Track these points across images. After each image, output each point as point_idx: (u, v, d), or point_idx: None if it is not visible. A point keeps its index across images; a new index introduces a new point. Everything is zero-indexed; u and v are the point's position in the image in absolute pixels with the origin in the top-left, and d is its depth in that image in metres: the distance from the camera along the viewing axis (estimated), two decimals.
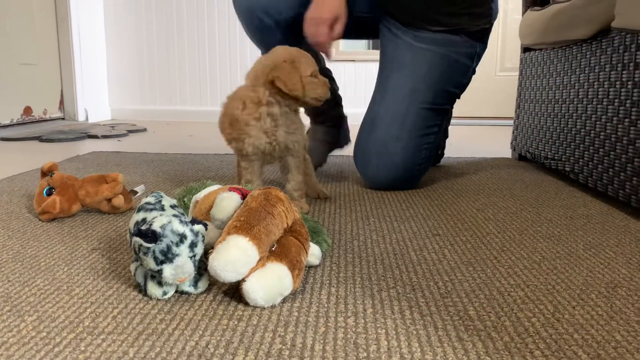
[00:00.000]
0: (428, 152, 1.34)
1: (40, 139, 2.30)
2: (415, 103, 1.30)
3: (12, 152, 1.99)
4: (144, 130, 2.75)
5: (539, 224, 1.03)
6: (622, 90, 1.14)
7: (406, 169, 1.30)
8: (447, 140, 1.74)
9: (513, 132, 1.85)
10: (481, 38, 1.35)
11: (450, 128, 1.72)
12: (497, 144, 2.26)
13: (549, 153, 1.53)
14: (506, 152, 1.95)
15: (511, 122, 1.91)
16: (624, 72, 1.13)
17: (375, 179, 1.31)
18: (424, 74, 1.30)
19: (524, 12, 1.75)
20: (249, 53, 3.18)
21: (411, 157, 1.30)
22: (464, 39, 1.31)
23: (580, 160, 1.33)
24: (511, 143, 1.86)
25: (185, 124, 3.09)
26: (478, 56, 1.36)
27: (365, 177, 1.34)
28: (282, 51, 1.07)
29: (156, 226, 0.65)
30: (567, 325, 0.61)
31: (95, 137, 2.41)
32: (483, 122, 3.11)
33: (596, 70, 1.26)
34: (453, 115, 1.65)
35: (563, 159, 1.43)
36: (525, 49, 1.77)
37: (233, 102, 1.06)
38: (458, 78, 1.34)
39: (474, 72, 1.38)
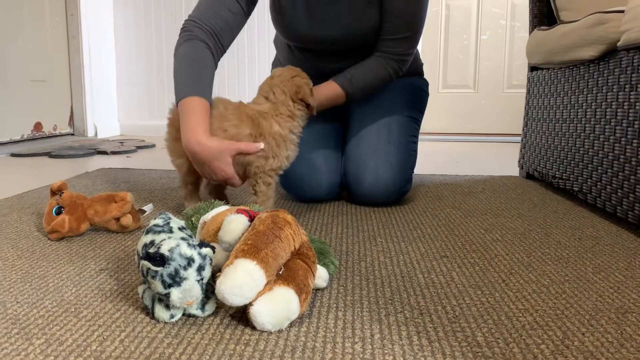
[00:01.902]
0: (414, 158, 1.42)
1: (50, 154, 2.32)
2: (395, 113, 1.41)
3: (22, 168, 2.01)
4: (153, 146, 2.77)
5: (547, 245, 1.02)
6: (630, 111, 1.14)
7: (402, 169, 1.34)
8: (454, 157, 1.75)
9: (521, 151, 1.84)
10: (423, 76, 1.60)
11: (457, 144, 1.74)
12: (505, 161, 2.25)
13: (557, 172, 1.52)
14: (514, 169, 1.94)
15: (518, 139, 1.91)
16: (631, 92, 1.13)
17: (373, 185, 1.31)
18: (397, 93, 1.45)
19: (531, 32, 1.76)
20: (257, 69, 3.21)
21: (404, 158, 1.36)
22: (420, 77, 1.56)
23: (589, 180, 1.32)
24: (519, 161, 1.85)
25: None
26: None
27: (361, 188, 1.33)
28: (287, 70, 1.12)
29: (164, 249, 0.65)
30: (577, 353, 0.60)
31: (104, 153, 2.43)
32: (490, 139, 3.11)
33: (604, 91, 1.26)
34: (460, 132, 1.70)
35: (571, 179, 1.43)
36: (533, 68, 1.78)
37: (259, 119, 1.10)
38: (422, 102, 1.51)
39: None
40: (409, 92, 1.47)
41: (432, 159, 2.28)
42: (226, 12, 1.20)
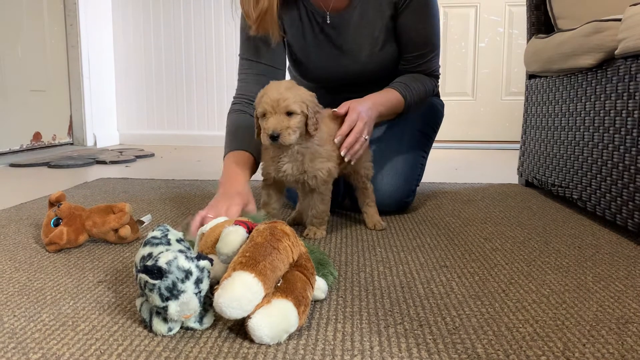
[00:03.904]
0: (421, 172, 1.44)
1: (49, 165, 2.32)
2: (408, 126, 1.42)
3: (21, 178, 2.01)
4: (152, 155, 2.77)
5: (547, 254, 1.02)
6: (629, 119, 1.14)
7: (406, 180, 1.35)
8: (454, 165, 1.75)
9: (520, 158, 1.84)
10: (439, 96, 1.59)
11: (456, 152, 1.74)
12: (504, 169, 2.25)
13: (556, 180, 1.52)
14: (513, 177, 1.94)
15: (517, 146, 1.91)
16: (630, 101, 1.13)
17: (379, 189, 1.31)
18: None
19: (528, 40, 1.76)
20: None
21: (410, 169, 1.37)
22: (436, 97, 1.55)
23: (588, 188, 1.32)
24: (518, 169, 1.85)
25: (193, 149, 3.11)
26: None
27: None
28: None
29: (162, 262, 0.65)
30: None
31: (103, 162, 2.43)
32: (489, 147, 3.11)
33: (602, 99, 1.26)
34: (459, 139, 1.69)
35: (570, 187, 1.43)
36: (531, 76, 1.78)
37: None
38: (437, 120, 1.52)
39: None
40: (425, 109, 1.47)
41: (431, 167, 2.27)
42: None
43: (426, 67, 1.35)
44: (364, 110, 1.16)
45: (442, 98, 1.60)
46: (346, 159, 1.13)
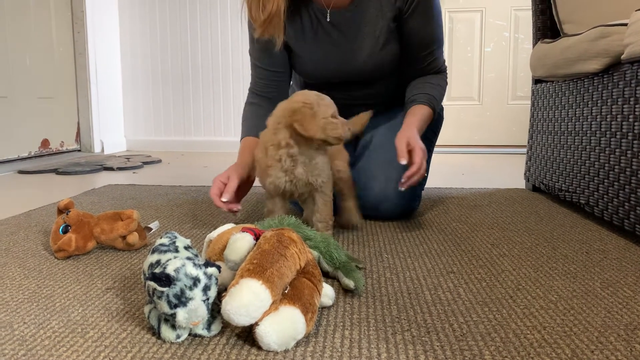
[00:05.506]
0: (425, 177, 1.42)
1: (57, 171, 2.33)
2: None
3: (30, 185, 2.02)
4: (159, 161, 2.78)
5: (555, 260, 1.02)
6: (636, 123, 1.13)
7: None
8: (460, 169, 1.74)
9: (526, 163, 1.84)
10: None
11: (462, 157, 1.73)
12: (510, 173, 2.25)
13: (563, 185, 1.52)
14: (520, 182, 1.93)
15: (524, 150, 1.91)
16: (636, 105, 1.13)
17: (380, 196, 1.30)
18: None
19: (534, 44, 1.76)
20: None
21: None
22: None
23: (595, 193, 1.32)
24: (525, 174, 1.85)
25: (200, 155, 3.12)
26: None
27: (369, 196, 1.32)
28: (301, 96, 1.09)
29: (170, 270, 0.65)
30: None
31: (110, 169, 2.44)
32: (496, 151, 3.11)
33: (608, 104, 1.26)
34: (465, 144, 1.68)
35: (577, 192, 1.42)
36: (537, 81, 1.78)
37: (258, 148, 1.15)
38: (437, 124, 1.51)
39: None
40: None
41: (437, 172, 2.28)
42: (274, 82, 1.42)
43: (435, 64, 1.38)
44: (420, 144, 1.20)
45: (448, 102, 1.61)
46: (401, 188, 1.17)
